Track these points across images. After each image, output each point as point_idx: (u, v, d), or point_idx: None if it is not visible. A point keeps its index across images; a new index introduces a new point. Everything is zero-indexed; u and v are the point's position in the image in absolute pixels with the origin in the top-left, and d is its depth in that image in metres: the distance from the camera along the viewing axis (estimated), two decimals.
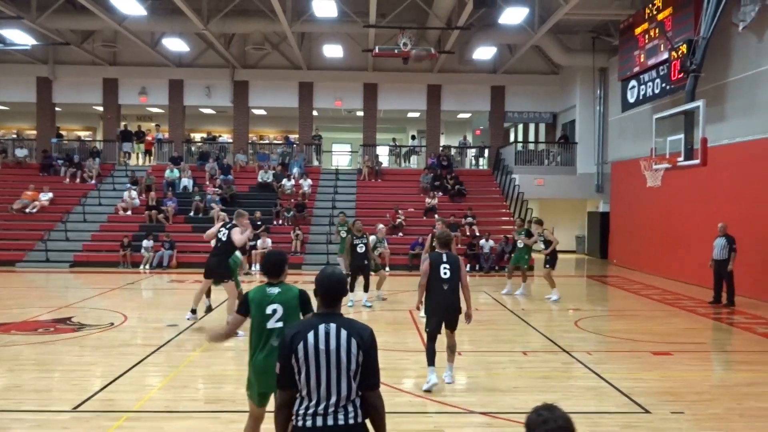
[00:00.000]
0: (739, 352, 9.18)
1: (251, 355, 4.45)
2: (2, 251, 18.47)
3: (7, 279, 13.93)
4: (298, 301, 4.45)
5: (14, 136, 28.20)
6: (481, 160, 26.94)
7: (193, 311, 10.20)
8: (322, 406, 2.98)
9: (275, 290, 4.41)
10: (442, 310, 6.92)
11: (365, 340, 3.03)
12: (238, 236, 9.61)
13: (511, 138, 30.16)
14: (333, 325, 3.03)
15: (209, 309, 10.61)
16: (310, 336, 3.00)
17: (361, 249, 12.23)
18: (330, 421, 2.96)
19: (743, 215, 13.61)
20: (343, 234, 15.23)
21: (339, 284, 3.16)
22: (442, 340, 6.95)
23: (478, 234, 19.46)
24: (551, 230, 14.10)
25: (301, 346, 2.99)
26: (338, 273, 3.21)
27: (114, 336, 9.37)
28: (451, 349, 7.13)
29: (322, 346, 2.98)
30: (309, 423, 2.97)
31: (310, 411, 2.98)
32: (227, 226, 9.84)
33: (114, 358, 7.99)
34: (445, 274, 6.86)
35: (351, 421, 2.98)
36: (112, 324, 10.12)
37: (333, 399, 2.98)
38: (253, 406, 4.62)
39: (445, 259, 6.91)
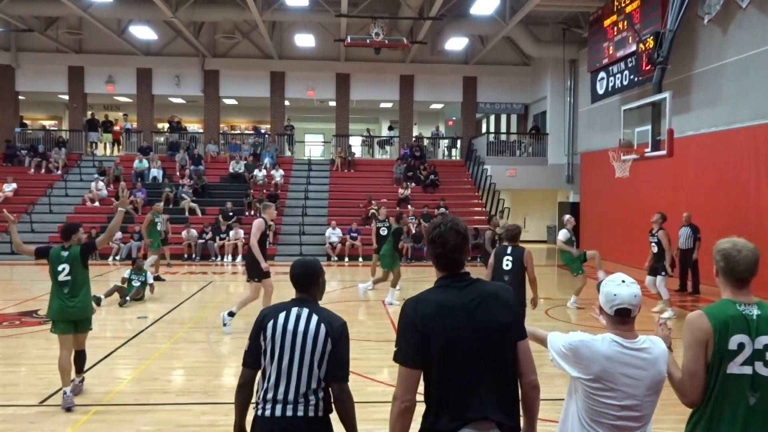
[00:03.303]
0: None
1: (51, 301, 5.94)
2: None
3: None
4: (80, 256, 5.93)
5: None
6: (453, 150, 27.05)
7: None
8: (281, 391, 2.91)
9: (65, 253, 5.92)
10: None
11: (335, 329, 2.99)
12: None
13: (483, 129, 30.35)
14: (306, 310, 3.03)
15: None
16: (281, 316, 3.01)
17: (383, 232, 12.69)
18: (289, 412, 2.88)
19: (708, 205, 13.94)
20: (159, 226, 14.42)
21: (304, 270, 3.13)
22: None
23: None
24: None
25: (270, 324, 3.00)
26: (306, 260, 3.21)
27: None
28: None
29: (290, 327, 2.97)
30: (268, 412, 2.91)
31: (270, 396, 2.92)
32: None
33: None
34: (507, 266, 7.28)
35: (311, 414, 2.90)
36: None
37: (293, 384, 2.91)
38: (62, 337, 5.95)
39: (509, 251, 7.34)
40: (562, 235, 11.40)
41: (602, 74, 18.35)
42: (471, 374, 2.40)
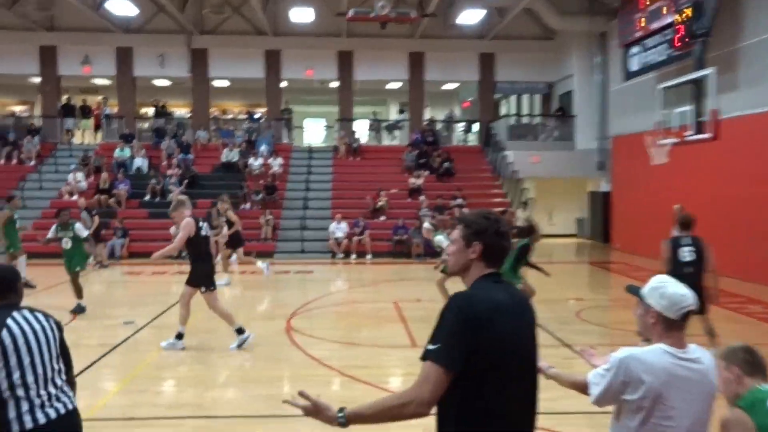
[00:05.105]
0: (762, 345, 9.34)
1: None
2: None
3: None
4: None
5: None
6: (469, 135, 26.99)
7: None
8: (38, 399, 3.08)
9: None
10: None
11: (56, 321, 3.34)
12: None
13: (503, 111, 30.23)
14: (25, 311, 3.22)
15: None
16: (10, 322, 3.10)
17: None
18: (53, 414, 3.10)
19: (757, 194, 13.79)
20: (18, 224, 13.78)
21: (7, 274, 3.33)
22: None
23: None
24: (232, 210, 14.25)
25: (5, 333, 3.05)
26: (3, 265, 3.59)
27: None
28: (709, 332, 7.46)
29: (27, 328, 3.12)
30: (30, 425, 3.04)
31: (25, 409, 3.05)
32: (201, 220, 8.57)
33: None
34: (688, 257, 7.47)
35: (70, 407, 3.21)
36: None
37: (49, 384, 3.14)
38: None
39: (690, 242, 7.53)
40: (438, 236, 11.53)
41: (635, 49, 18.21)
42: (515, 384, 2.40)
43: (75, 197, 20.26)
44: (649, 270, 15.89)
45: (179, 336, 8.37)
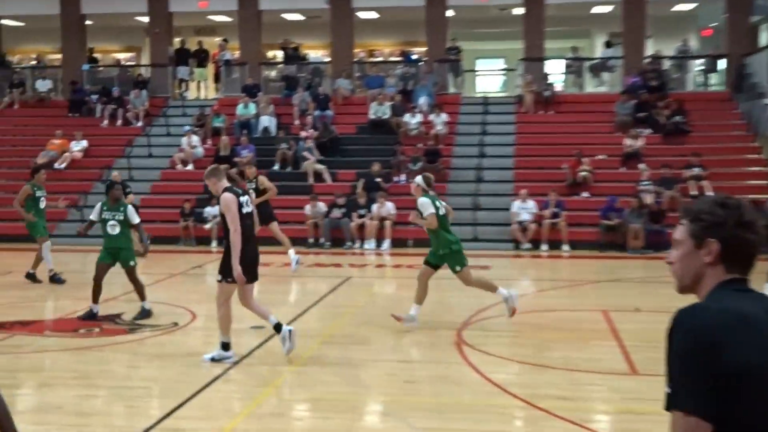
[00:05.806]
0: None
1: None
2: (23, 222, 19.93)
3: (30, 260, 14.72)
4: None
5: (34, 63, 30.09)
6: (712, 76, 25.85)
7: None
8: None
9: None
10: None
11: None
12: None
13: (762, 41, 28.52)
14: None
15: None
16: None
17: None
18: None
19: None
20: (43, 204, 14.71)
21: None
22: None
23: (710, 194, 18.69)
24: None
25: None
26: None
27: (180, 341, 9.95)
28: None
29: None
30: None
31: None
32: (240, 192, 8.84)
33: (181, 371, 8.45)
34: None
35: None
36: (176, 324, 10.73)
37: None
38: None
39: None
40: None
41: None
42: None
43: (189, 167, 21.63)
44: None
45: (224, 346, 8.68)
